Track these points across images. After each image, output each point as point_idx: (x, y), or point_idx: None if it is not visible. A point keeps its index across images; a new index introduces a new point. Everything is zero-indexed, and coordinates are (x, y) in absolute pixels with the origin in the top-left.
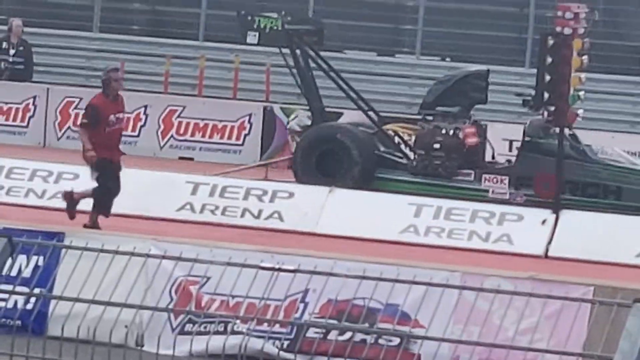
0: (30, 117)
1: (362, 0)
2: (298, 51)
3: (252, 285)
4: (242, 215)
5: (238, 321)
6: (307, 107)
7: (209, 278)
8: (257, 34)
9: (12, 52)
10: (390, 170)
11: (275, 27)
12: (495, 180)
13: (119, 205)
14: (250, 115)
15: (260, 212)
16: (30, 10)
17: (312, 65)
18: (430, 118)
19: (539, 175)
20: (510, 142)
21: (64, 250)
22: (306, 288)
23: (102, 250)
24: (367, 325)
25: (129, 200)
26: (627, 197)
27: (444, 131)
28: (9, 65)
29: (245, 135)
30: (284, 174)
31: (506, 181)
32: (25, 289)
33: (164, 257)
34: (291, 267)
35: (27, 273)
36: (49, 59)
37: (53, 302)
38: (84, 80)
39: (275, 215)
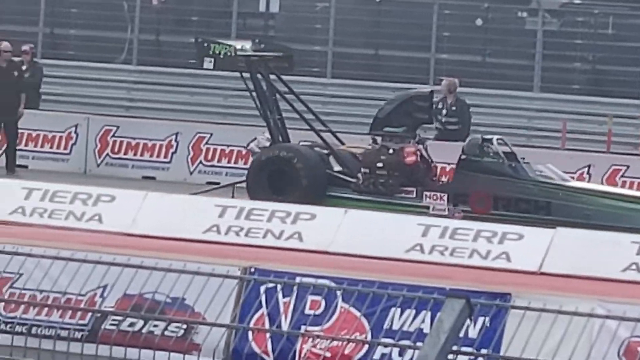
0: None
1: None
2: (260, 76)
3: None
4: None
5: None
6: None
7: None
8: (212, 60)
9: (444, 112)
10: (339, 189)
11: (229, 54)
12: (435, 197)
13: (561, 266)
14: None
15: None
16: (469, 70)
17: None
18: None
19: (474, 192)
20: None
21: (510, 311)
22: None
23: (559, 312)
24: None
25: (569, 260)
26: (556, 213)
27: (387, 150)
28: (440, 126)
29: None
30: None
31: (445, 198)
32: (469, 349)
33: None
34: None
35: (473, 334)
36: (487, 119)
37: None
38: (525, 140)
39: None
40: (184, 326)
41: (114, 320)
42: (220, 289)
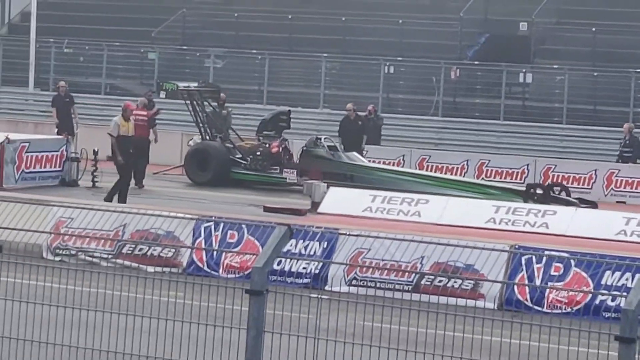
0: None
1: None
2: (195, 103)
3: None
4: None
5: None
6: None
7: None
8: (164, 92)
9: (621, 144)
10: (237, 168)
11: (174, 89)
12: (289, 172)
13: None
14: None
15: None
16: None
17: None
18: (262, 138)
19: (312, 169)
20: None
21: None
22: None
23: None
24: None
25: None
26: (357, 181)
27: (264, 145)
28: (619, 153)
29: None
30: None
31: (294, 173)
32: None
33: None
34: None
35: None
36: None
37: None
38: None
39: None
40: (472, 282)
41: (428, 278)
42: (498, 259)
